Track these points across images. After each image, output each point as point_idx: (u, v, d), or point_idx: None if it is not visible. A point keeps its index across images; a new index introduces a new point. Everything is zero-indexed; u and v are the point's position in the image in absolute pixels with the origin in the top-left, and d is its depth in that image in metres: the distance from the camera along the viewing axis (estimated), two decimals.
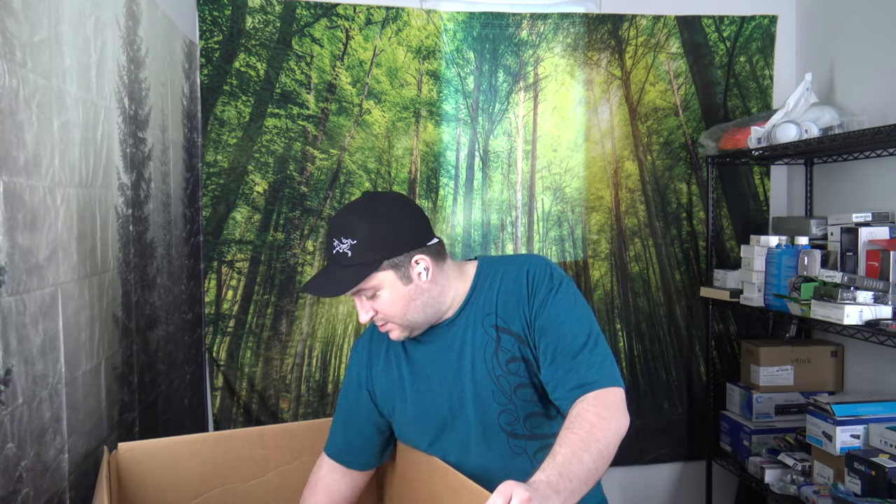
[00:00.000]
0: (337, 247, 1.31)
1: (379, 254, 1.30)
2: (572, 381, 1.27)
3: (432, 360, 1.41)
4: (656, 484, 2.98)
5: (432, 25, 2.74)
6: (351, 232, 1.30)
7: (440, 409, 1.40)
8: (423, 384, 1.41)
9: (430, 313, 1.37)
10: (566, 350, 1.30)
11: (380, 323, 1.37)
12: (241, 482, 1.54)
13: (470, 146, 2.80)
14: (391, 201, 1.38)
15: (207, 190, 2.61)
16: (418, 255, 1.34)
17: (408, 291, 1.33)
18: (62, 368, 1.29)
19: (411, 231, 1.35)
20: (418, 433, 1.44)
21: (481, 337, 1.37)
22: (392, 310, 1.34)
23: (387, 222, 1.33)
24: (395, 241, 1.32)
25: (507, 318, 1.36)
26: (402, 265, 1.32)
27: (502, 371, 1.35)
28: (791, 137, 2.39)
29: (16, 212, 1.12)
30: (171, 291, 2.13)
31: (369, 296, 1.33)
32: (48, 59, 1.26)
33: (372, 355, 1.49)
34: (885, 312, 2.11)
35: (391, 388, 1.45)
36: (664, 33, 2.86)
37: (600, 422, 1.20)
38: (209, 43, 2.57)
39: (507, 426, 1.37)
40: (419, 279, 1.34)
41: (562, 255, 2.85)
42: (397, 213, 1.35)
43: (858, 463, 2.09)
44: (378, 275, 1.31)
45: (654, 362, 2.90)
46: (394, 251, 1.31)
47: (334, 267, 1.32)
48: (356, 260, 1.30)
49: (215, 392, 2.64)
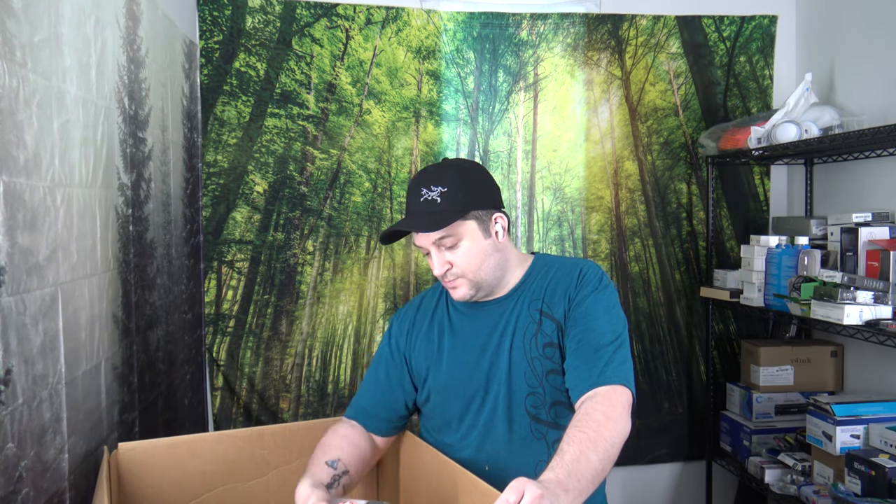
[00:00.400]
0: (425, 195, 1.37)
1: (468, 203, 1.37)
2: (589, 372, 1.31)
3: (476, 332, 1.46)
4: (656, 484, 2.98)
5: (432, 25, 2.74)
6: (441, 180, 1.37)
7: (473, 381, 1.44)
8: (462, 354, 1.46)
9: (499, 276, 1.44)
10: (591, 343, 1.34)
11: (450, 278, 1.41)
12: (241, 482, 1.54)
13: (470, 146, 2.80)
14: (475, 164, 1.48)
15: (207, 190, 2.61)
16: (498, 213, 1.43)
17: (487, 246, 1.40)
18: (62, 368, 1.29)
19: (494, 192, 1.45)
20: (447, 402, 1.47)
21: (525, 319, 1.42)
22: (469, 262, 1.39)
23: (474, 177, 1.42)
24: (481, 196, 1.40)
25: (551, 305, 1.41)
26: (484, 220, 1.40)
27: (538, 353, 1.39)
28: (791, 137, 2.39)
29: (16, 212, 1.12)
30: (171, 291, 2.13)
31: (449, 245, 1.38)
32: (48, 59, 1.26)
33: (415, 323, 1.54)
34: (885, 312, 2.11)
35: (429, 355, 1.49)
36: (664, 33, 2.86)
37: (607, 421, 1.23)
38: (209, 43, 2.57)
39: (532, 409, 1.40)
40: (496, 237, 1.42)
41: (562, 255, 2.85)
42: (482, 174, 1.45)
43: (858, 463, 2.09)
44: (464, 223, 1.38)
45: (654, 362, 2.90)
46: (480, 204, 1.39)
47: (421, 213, 1.37)
48: (446, 206, 1.36)
49: (215, 392, 2.64)
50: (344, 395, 2.71)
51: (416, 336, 1.53)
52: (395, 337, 1.56)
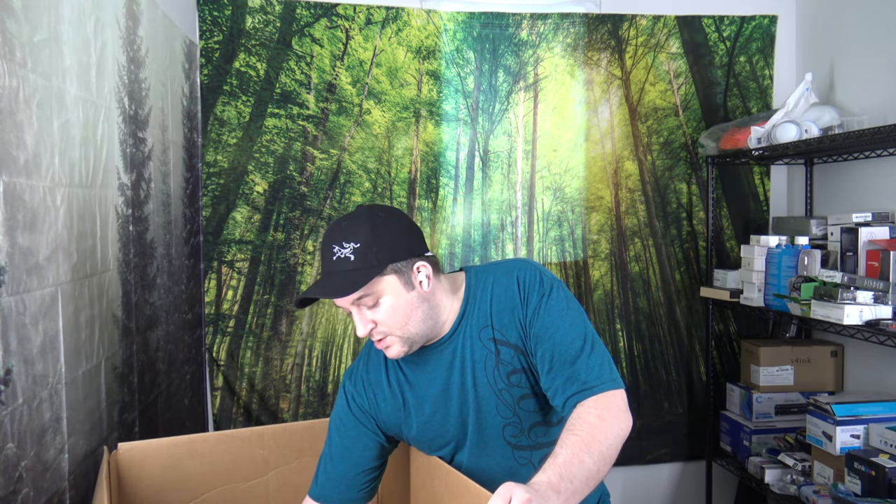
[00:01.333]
0: (337, 253, 1.27)
1: (383, 256, 1.27)
2: (572, 387, 1.26)
3: (433, 380, 1.38)
4: (656, 484, 2.98)
5: (432, 25, 2.74)
6: (353, 236, 1.27)
7: (449, 429, 1.39)
8: (428, 407, 1.38)
9: (430, 326, 1.33)
10: (563, 357, 1.28)
11: (378, 337, 1.32)
12: (241, 482, 1.54)
13: (470, 146, 2.80)
14: (389, 209, 1.36)
15: (207, 190, 2.61)
16: (420, 262, 1.31)
17: (410, 299, 1.29)
18: (62, 368, 1.29)
19: (412, 238, 1.33)
20: (431, 452, 1.43)
21: (480, 351, 1.35)
22: (393, 319, 1.29)
23: (389, 227, 1.30)
24: (397, 246, 1.29)
25: (503, 330, 1.34)
26: (404, 271, 1.29)
27: (504, 384, 1.34)
28: (791, 137, 2.39)
29: (16, 212, 1.12)
30: (171, 291, 2.13)
31: (370, 304, 1.28)
32: (48, 59, 1.26)
33: (372, 385, 1.43)
34: (885, 312, 2.11)
35: (396, 413, 1.41)
36: (664, 33, 2.86)
37: (601, 423, 1.20)
38: (209, 43, 2.57)
39: (511, 439, 1.37)
40: (421, 287, 1.31)
41: (562, 255, 2.86)
42: (397, 221, 1.33)
43: (858, 463, 2.09)
44: (382, 279, 1.27)
45: (654, 362, 2.90)
46: (397, 255, 1.28)
47: (334, 274, 1.27)
48: (360, 264, 1.26)
49: (215, 392, 2.64)
50: None
51: (377, 395, 1.42)
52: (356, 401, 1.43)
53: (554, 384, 1.29)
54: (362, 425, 1.42)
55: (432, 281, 1.32)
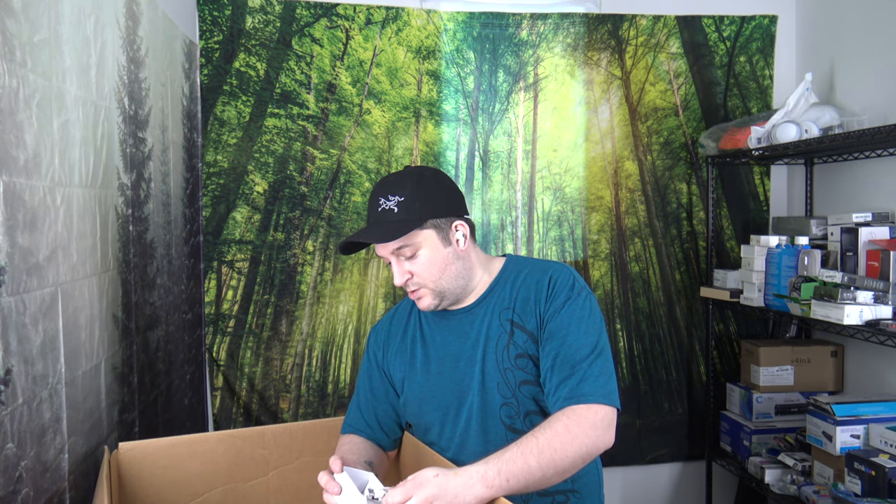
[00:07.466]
0: (383, 204, 1.36)
1: (425, 211, 1.36)
2: (564, 390, 1.29)
3: (447, 344, 1.45)
4: (656, 484, 2.98)
5: (432, 25, 2.74)
6: (399, 190, 1.36)
7: (448, 392, 1.43)
8: (435, 367, 1.45)
9: (461, 285, 1.42)
10: (566, 359, 1.32)
11: (412, 288, 1.40)
12: (241, 482, 1.54)
13: (470, 146, 2.80)
14: (435, 171, 1.45)
15: (207, 190, 2.61)
16: (458, 221, 1.40)
17: (446, 254, 1.38)
18: (62, 368, 1.29)
19: (453, 199, 1.42)
20: (423, 413, 1.46)
21: (496, 329, 1.41)
22: (429, 271, 1.38)
23: (433, 186, 1.39)
24: (439, 204, 1.38)
25: (523, 315, 1.40)
26: (443, 228, 1.38)
27: (510, 364, 1.38)
28: (791, 137, 2.39)
29: (16, 212, 1.12)
30: (171, 291, 2.13)
31: (408, 255, 1.37)
32: (48, 59, 1.26)
33: (390, 336, 1.53)
34: (885, 312, 2.11)
35: (403, 366, 1.49)
36: (664, 33, 2.86)
37: (565, 434, 1.22)
38: (209, 43, 2.57)
39: (506, 419, 1.40)
40: (457, 245, 1.40)
41: (562, 255, 2.86)
42: (441, 181, 1.42)
43: (858, 463, 2.09)
44: (422, 232, 1.36)
45: (654, 362, 2.90)
46: (438, 212, 1.37)
47: (378, 223, 1.36)
48: (402, 216, 1.35)
49: (215, 392, 2.64)
50: (344, 395, 2.71)
51: (392, 348, 1.52)
52: (373, 351, 1.55)
53: (550, 382, 1.33)
54: (378, 375, 1.53)
55: (468, 241, 1.42)
